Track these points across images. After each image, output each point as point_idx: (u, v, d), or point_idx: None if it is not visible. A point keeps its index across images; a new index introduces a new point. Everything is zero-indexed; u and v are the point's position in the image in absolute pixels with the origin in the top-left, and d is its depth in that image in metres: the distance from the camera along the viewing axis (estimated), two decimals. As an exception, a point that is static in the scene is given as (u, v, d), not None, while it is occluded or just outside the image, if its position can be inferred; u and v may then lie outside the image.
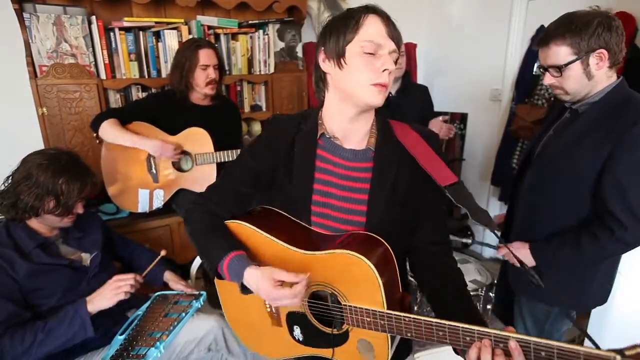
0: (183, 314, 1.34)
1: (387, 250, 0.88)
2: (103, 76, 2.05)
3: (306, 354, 1.02)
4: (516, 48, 2.65)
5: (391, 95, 2.11)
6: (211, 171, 1.95)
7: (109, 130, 1.82)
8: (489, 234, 2.95)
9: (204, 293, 1.45)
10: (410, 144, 0.93)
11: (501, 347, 0.72)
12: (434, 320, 0.78)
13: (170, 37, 2.15)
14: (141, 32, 2.09)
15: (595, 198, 1.16)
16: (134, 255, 1.62)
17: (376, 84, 0.83)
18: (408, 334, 0.82)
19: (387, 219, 0.92)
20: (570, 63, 1.14)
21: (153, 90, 2.18)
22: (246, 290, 0.90)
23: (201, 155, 1.94)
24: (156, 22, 2.11)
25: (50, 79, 1.90)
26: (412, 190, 0.93)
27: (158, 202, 1.96)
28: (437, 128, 2.12)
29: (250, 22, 2.40)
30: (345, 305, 0.88)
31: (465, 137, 3.10)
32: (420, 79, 3.23)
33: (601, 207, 1.14)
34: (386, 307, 0.83)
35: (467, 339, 0.75)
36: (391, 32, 0.84)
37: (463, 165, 3.14)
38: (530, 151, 1.40)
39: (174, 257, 2.07)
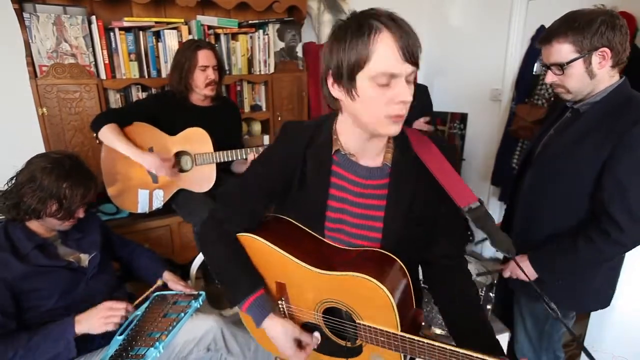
0: (182, 314, 1.34)
1: (402, 269, 0.88)
2: (103, 76, 2.05)
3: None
4: (516, 48, 2.65)
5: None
6: (211, 171, 1.95)
7: (109, 136, 1.81)
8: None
9: (203, 293, 1.45)
10: (428, 159, 0.88)
11: None
12: (448, 347, 0.78)
13: (170, 37, 2.15)
14: (141, 32, 2.09)
15: (594, 198, 1.16)
16: (133, 255, 1.62)
17: (392, 116, 0.77)
18: (421, 356, 0.82)
19: (403, 236, 0.90)
20: (572, 61, 1.13)
21: (153, 90, 2.18)
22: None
23: (201, 155, 1.94)
24: (156, 22, 2.11)
25: (50, 79, 1.90)
26: (429, 206, 0.91)
27: (158, 203, 1.96)
28: (419, 128, 2.14)
29: (250, 22, 2.40)
30: (359, 324, 0.89)
31: (465, 137, 3.10)
32: (420, 79, 3.23)
33: (599, 208, 1.14)
34: (400, 329, 0.83)
35: None
36: (407, 51, 0.73)
37: (463, 165, 3.14)
38: (530, 151, 1.39)
39: (174, 257, 2.07)
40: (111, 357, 1.21)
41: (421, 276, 1.05)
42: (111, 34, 2.03)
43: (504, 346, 1.55)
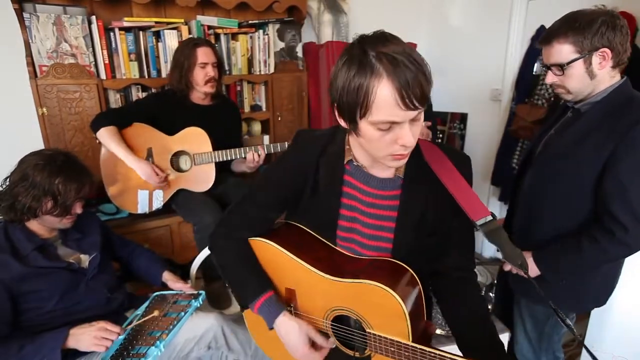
0: (182, 313, 1.35)
1: (414, 278, 0.87)
2: (103, 76, 2.05)
3: None
4: (516, 48, 2.65)
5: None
6: (210, 171, 1.95)
7: (107, 139, 1.82)
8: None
9: (203, 292, 1.46)
10: (441, 172, 0.88)
11: None
12: (460, 358, 0.77)
13: (170, 37, 2.15)
14: (141, 32, 2.09)
15: (595, 198, 1.16)
16: (133, 255, 1.62)
17: (393, 155, 0.78)
18: None
19: (414, 247, 0.90)
20: (572, 61, 1.13)
21: (153, 90, 2.18)
22: (272, 328, 0.93)
23: (200, 155, 1.94)
24: (156, 22, 2.11)
25: (50, 79, 1.90)
26: (441, 218, 0.91)
27: (157, 203, 1.96)
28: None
29: (250, 22, 2.40)
30: (369, 333, 0.88)
31: (465, 137, 3.09)
32: (420, 79, 3.22)
33: (601, 208, 1.13)
34: (411, 339, 0.83)
35: None
36: (409, 98, 0.69)
37: (463, 165, 3.14)
38: (531, 151, 1.39)
39: (174, 257, 2.07)
40: (112, 357, 1.21)
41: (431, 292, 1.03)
42: (111, 34, 2.03)
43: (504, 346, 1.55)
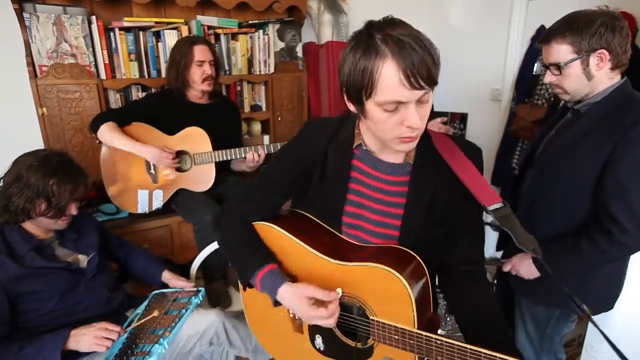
0: (183, 311, 1.36)
1: (421, 266, 0.85)
2: (103, 76, 2.05)
3: None
4: (516, 48, 2.65)
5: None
6: (210, 170, 1.95)
7: (108, 134, 1.82)
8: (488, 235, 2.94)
9: (202, 289, 1.47)
10: (451, 159, 0.87)
11: None
12: (469, 346, 0.73)
13: (170, 37, 2.15)
14: (141, 32, 2.09)
15: (595, 198, 1.15)
16: (131, 255, 1.62)
17: (401, 137, 0.77)
18: (438, 358, 0.78)
19: (422, 236, 0.89)
20: (569, 62, 1.13)
21: (153, 90, 2.18)
22: (278, 304, 0.90)
23: (200, 154, 1.94)
24: (156, 22, 2.11)
25: (50, 79, 1.90)
26: (450, 207, 0.89)
27: (157, 203, 1.96)
28: (436, 129, 2.12)
29: (250, 22, 2.40)
30: (373, 320, 0.86)
31: (465, 137, 3.10)
32: (420, 79, 3.22)
33: (601, 208, 1.13)
34: (416, 327, 0.80)
35: None
36: (414, 77, 0.70)
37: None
38: (531, 151, 1.39)
39: (174, 257, 2.07)
40: (116, 356, 1.22)
41: (438, 288, 1.01)
42: (111, 34, 2.03)
43: (504, 346, 1.54)
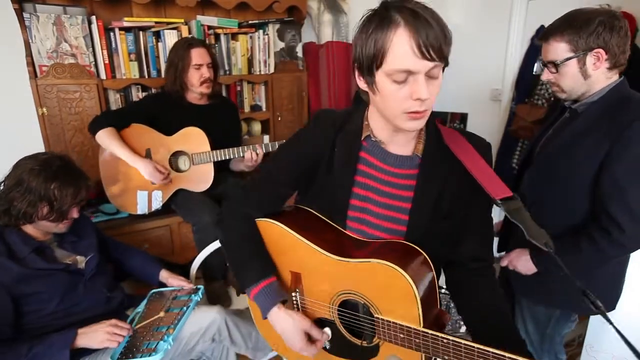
0: (185, 308, 1.38)
1: (427, 262, 0.83)
2: (103, 76, 2.05)
3: None
4: (516, 48, 2.65)
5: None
6: (209, 170, 1.95)
7: (106, 140, 1.82)
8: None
9: (202, 287, 1.49)
10: (460, 152, 0.85)
11: None
12: (476, 345, 0.71)
13: (170, 37, 2.15)
14: (141, 32, 2.09)
15: (593, 198, 1.15)
16: (127, 255, 1.61)
17: (410, 113, 0.75)
18: (445, 357, 0.76)
19: (429, 230, 0.87)
20: (566, 60, 1.13)
21: (153, 90, 2.18)
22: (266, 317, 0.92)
23: (198, 154, 1.94)
24: (156, 22, 2.11)
25: (50, 79, 1.90)
26: (459, 201, 0.87)
27: (157, 204, 1.96)
28: None
29: (250, 22, 2.40)
30: (378, 318, 0.84)
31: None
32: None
33: (599, 208, 1.13)
34: (422, 325, 0.79)
35: None
36: (426, 47, 0.69)
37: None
38: (530, 151, 1.39)
39: (174, 257, 2.07)
40: (121, 353, 1.22)
41: (442, 284, 0.99)
42: (111, 34, 2.03)
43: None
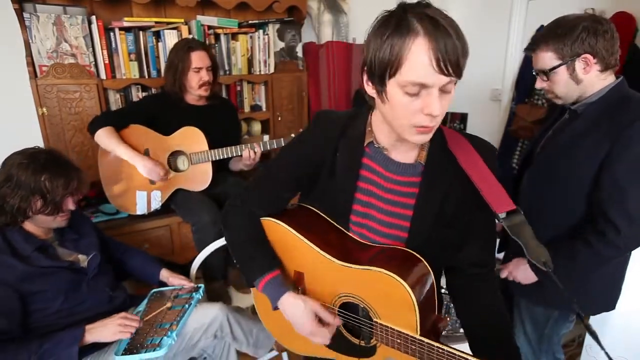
0: (187, 305, 1.40)
1: (427, 270, 0.84)
2: (103, 76, 2.05)
3: (332, 358, 1.01)
4: (516, 48, 2.65)
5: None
6: (207, 170, 1.95)
7: (105, 139, 1.82)
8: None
9: (202, 285, 1.50)
10: (464, 159, 0.83)
11: None
12: (471, 357, 0.74)
13: (170, 37, 2.15)
14: (141, 32, 2.09)
15: (592, 199, 1.15)
16: (127, 255, 1.62)
17: (418, 127, 0.74)
18: None
19: (431, 238, 0.87)
20: (555, 68, 1.15)
21: (153, 90, 2.18)
22: (277, 308, 0.92)
23: (196, 154, 1.94)
24: (156, 22, 2.11)
25: (50, 79, 1.90)
26: (462, 209, 0.86)
27: (156, 204, 1.96)
28: None
29: (250, 22, 2.40)
30: (376, 322, 0.86)
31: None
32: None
33: (597, 209, 1.13)
34: (419, 332, 0.80)
35: None
36: (444, 62, 0.67)
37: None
38: (530, 151, 1.39)
39: (174, 257, 2.07)
40: (125, 349, 1.23)
41: (443, 284, 1.01)
42: (111, 34, 2.03)
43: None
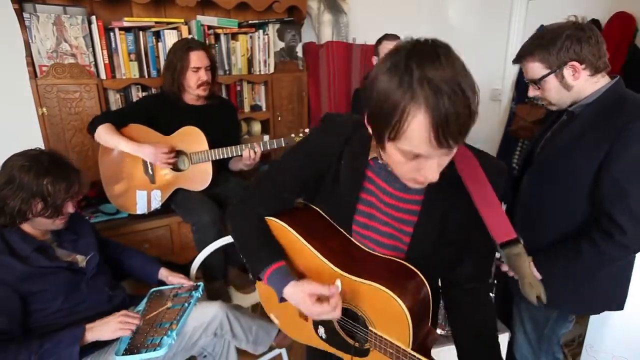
0: (186, 304, 1.40)
1: (423, 284, 0.85)
2: (103, 76, 2.05)
3: (328, 350, 1.03)
4: (516, 48, 2.60)
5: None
6: (207, 169, 1.95)
7: (104, 135, 1.82)
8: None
9: (201, 283, 1.50)
10: (471, 182, 0.82)
11: None
12: None
13: (170, 37, 2.15)
14: (141, 32, 2.09)
15: (593, 199, 1.15)
16: (125, 255, 1.62)
17: (414, 181, 0.74)
18: None
19: (430, 255, 0.88)
20: (544, 77, 1.17)
21: (153, 90, 2.18)
22: (284, 300, 0.91)
23: (196, 153, 1.94)
24: (156, 22, 2.12)
25: (50, 79, 1.90)
26: (463, 230, 0.87)
27: (156, 203, 1.96)
28: None
29: (250, 22, 2.40)
30: (371, 331, 0.88)
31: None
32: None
33: (599, 209, 1.13)
34: (411, 347, 0.82)
35: None
36: (445, 137, 0.62)
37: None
38: (530, 152, 1.39)
39: (174, 257, 2.07)
40: (126, 349, 1.23)
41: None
42: (111, 34, 2.03)
43: (504, 346, 1.54)
